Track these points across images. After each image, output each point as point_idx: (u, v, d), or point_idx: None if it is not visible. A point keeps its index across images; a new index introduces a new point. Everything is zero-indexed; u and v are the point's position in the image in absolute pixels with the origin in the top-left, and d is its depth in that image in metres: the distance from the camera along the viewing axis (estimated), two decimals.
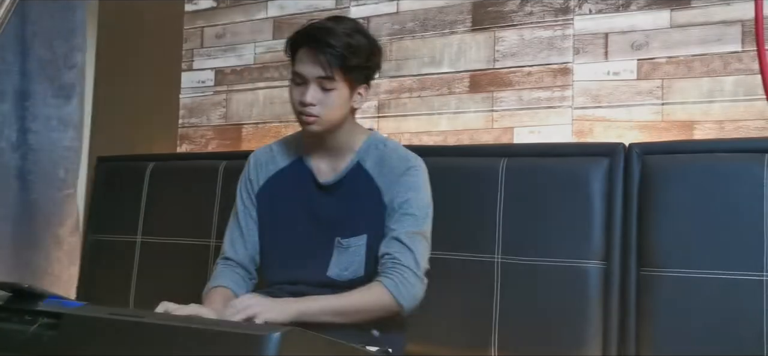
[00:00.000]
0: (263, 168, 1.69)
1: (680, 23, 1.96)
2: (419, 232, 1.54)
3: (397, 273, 1.49)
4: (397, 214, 1.55)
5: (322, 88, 1.51)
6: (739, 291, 1.56)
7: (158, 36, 2.70)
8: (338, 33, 1.50)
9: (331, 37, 1.49)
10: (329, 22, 1.54)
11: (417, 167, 1.60)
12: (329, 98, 1.52)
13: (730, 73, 1.90)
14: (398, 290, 1.48)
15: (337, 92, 1.52)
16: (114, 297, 2.32)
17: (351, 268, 1.56)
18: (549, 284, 1.74)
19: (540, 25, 2.14)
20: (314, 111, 1.52)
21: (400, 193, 1.56)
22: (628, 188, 1.73)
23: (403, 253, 1.51)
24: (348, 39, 1.50)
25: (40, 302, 1.17)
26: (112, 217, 2.41)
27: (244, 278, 1.67)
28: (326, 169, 1.63)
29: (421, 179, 1.59)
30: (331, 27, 1.52)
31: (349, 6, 2.43)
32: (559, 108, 2.09)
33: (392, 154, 1.61)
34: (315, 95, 1.51)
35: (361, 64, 1.53)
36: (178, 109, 2.74)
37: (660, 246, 1.66)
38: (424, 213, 1.57)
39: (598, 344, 1.70)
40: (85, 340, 1.08)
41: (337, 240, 1.57)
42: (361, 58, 1.52)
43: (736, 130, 1.88)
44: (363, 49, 1.53)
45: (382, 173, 1.58)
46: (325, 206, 1.60)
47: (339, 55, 1.49)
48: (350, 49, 1.50)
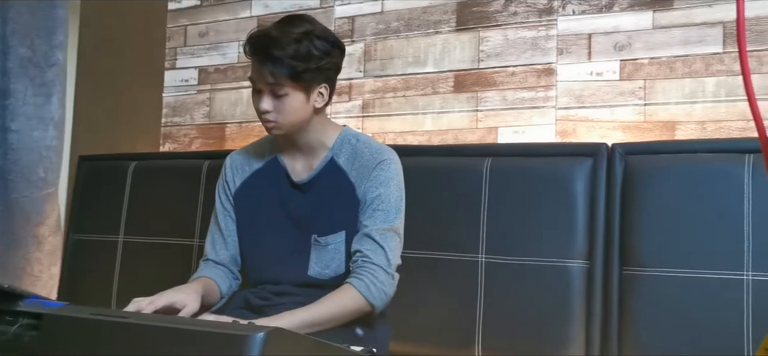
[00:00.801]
0: (239, 170, 1.69)
1: (663, 24, 1.98)
2: (391, 228, 1.54)
3: (368, 272, 1.49)
4: (369, 209, 1.55)
5: (274, 95, 1.51)
6: (721, 291, 1.58)
7: (141, 34, 2.68)
8: (283, 43, 1.47)
9: (274, 48, 1.47)
10: (276, 30, 1.50)
11: (389, 161, 1.59)
12: (283, 104, 1.51)
13: (712, 74, 1.92)
14: (369, 291, 1.48)
15: (290, 98, 1.51)
16: (96, 297, 2.30)
17: (332, 266, 1.56)
18: (533, 283, 1.75)
19: (524, 25, 2.14)
20: (271, 117, 1.53)
21: (372, 188, 1.56)
22: (611, 188, 1.74)
23: (374, 251, 1.51)
24: (295, 46, 1.47)
25: (20, 302, 1.16)
26: (94, 217, 2.39)
27: (226, 275, 1.67)
28: (300, 167, 1.63)
29: (393, 173, 1.58)
30: (276, 36, 1.48)
31: (333, 5, 2.43)
32: (542, 108, 2.10)
33: (364, 148, 1.60)
34: (269, 103, 1.51)
35: (310, 68, 1.50)
36: (161, 108, 2.72)
37: (642, 246, 1.67)
38: (396, 208, 1.57)
39: (581, 343, 1.71)
40: (66, 340, 1.07)
41: (314, 238, 1.57)
42: (311, 63, 1.49)
43: (717, 130, 1.90)
44: (312, 55, 1.49)
45: (355, 168, 1.58)
46: (300, 205, 1.61)
47: (285, 65, 1.47)
48: (297, 57, 1.47)
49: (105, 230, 2.34)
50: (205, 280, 1.61)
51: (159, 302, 1.41)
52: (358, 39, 2.38)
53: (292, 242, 1.60)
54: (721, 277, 1.58)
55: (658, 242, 1.66)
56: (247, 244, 1.66)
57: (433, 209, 1.86)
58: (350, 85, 2.38)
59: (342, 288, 1.50)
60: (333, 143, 1.62)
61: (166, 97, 2.72)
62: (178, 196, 2.24)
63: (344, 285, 1.50)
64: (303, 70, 1.49)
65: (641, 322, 1.65)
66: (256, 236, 1.64)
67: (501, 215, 1.81)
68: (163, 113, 2.72)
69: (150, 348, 0.99)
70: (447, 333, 1.83)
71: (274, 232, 1.62)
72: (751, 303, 1.55)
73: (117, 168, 2.38)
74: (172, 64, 2.72)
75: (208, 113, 2.64)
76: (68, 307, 1.16)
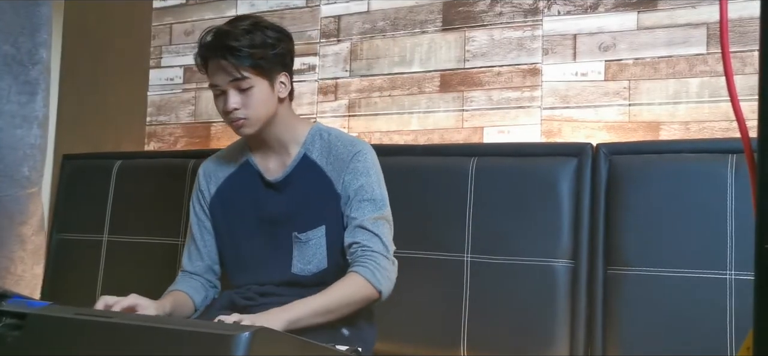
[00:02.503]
0: (213, 178, 1.69)
1: (647, 25, 1.99)
2: (381, 216, 1.55)
3: (371, 260, 1.50)
4: (354, 201, 1.55)
5: (239, 90, 1.51)
6: (704, 290, 1.59)
7: (126, 32, 2.66)
8: (236, 33, 1.50)
9: (230, 40, 1.49)
10: (226, 26, 1.53)
11: (363, 151, 1.59)
12: (250, 97, 1.52)
13: (696, 75, 1.94)
14: (375, 277, 1.49)
15: (255, 89, 1.52)
16: (80, 296, 2.28)
17: (314, 261, 1.56)
18: (518, 283, 1.76)
19: (510, 25, 2.15)
20: (240, 114, 1.52)
21: (352, 180, 1.56)
22: (596, 188, 1.75)
23: (371, 240, 1.51)
24: (248, 37, 1.50)
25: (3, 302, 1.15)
26: (78, 216, 2.37)
27: (203, 285, 1.67)
28: (274, 166, 1.63)
29: (371, 163, 1.59)
30: (228, 30, 1.51)
31: (319, 4, 2.42)
32: (528, 108, 2.11)
33: (337, 141, 1.60)
34: (235, 100, 1.51)
35: (267, 54, 1.52)
36: (146, 106, 2.71)
37: (627, 245, 1.68)
38: (381, 196, 1.57)
39: (565, 342, 1.72)
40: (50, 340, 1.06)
41: (295, 235, 1.57)
42: (266, 49, 1.52)
43: (701, 131, 1.92)
44: (267, 42, 1.52)
45: (330, 162, 1.58)
46: (277, 204, 1.60)
47: (244, 54, 1.49)
48: (253, 45, 1.50)
49: (89, 229, 2.32)
50: (176, 294, 1.60)
51: (124, 303, 1.40)
52: (344, 38, 2.38)
53: (272, 242, 1.59)
54: (705, 276, 1.60)
55: (642, 242, 1.67)
56: (228, 250, 1.66)
57: (419, 209, 1.87)
58: (336, 85, 2.38)
59: (348, 276, 1.49)
60: (304, 138, 1.61)
61: (151, 95, 2.71)
62: (162, 195, 2.23)
63: (349, 274, 1.49)
64: (261, 56, 1.51)
65: (626, 321, 1.66)
66: (236, 240, 1.64)
67: (486, 214, 1.81)
68: (148, 112, 2.70)
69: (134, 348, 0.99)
70: (433, 332, 1.83)
71: (253, 235, 1.62)
72: (734, 302, 1.56)
73: (101, 167, 2.36)
74: (157, 63, 2.71)
75: (194, 112, 2.63)
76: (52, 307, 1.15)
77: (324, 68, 2.40)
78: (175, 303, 1.56)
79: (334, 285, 1.48)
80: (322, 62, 2.41)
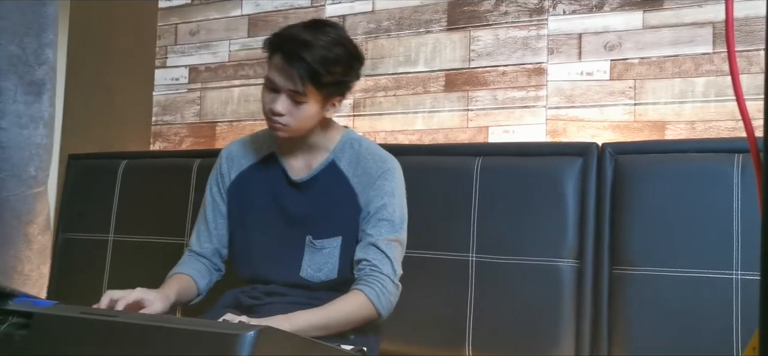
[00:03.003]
0: (235, 163, 1.67)
1: (653, 24, 1.99)
2: (396, 239, 1.54)
3: (377, 281, 1.49)
4: (373, 219, 1.54)
5: (293, 100, 1.48)
6: (710, 290, 1.59)
7: (131, 32, 2.67)
8: (316, 46, 1.44)
9: (306, 52, 1.44)
10: (308, 33, 1.47)
11: (393, 170, 1.58)
12: (300, 110, 1.49)
13: (702, 75, 1.93)
14: (379, 300, 1.49)
15: (307, 106, 1.49)
16: (86, 296, 2.28)
17: (324, 270, 1.55)
18: (523, 283, 1.75)
19: (515, 25, 2.15)
20: (283, 120, 1.49)
21: (377, 197, 1.55)
22: (601, 188, 1.75)
23: (381, 261, 1.51)
24: (325, 52, 1.45)
25: (10, 301, 1.16)
26: (84, 215, 2.38)
27: (208, 268, 1.66)
28: (299, 166, 1.61)
29: (397, 183, 1.58)
30: (309, 40, 1.45)
31: (324, 4, 2.42)
32: (533, 108, 2.11)
33: (367, 155, 1.59)
34: (285, 106, 1.48)
35: (335, 80, 1.48)
36: (152, 106, 2.71)
37: (632, 245, 1.68)
38: (401, 218, 1.57)
39: (571, 342, 1.72)
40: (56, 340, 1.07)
41: (309, 239, 1.56)
42: (337, 73, 1.48)
43: (707, 130, 1.91)
44: (340, 63, 1.48)
45: (357, 174, 1.57)
46: (297, 204, 1.59)
47: (313, 71, 1.44)
48: (326, 64, 1.45)
49: (95, 228, 2.33)
50: (181, 278, 1.60)
51: (129, 298, 1.40)
52: None
53: (284, 242, 1.58)
54: (711, 276, 1.59)
55: (647, 242, 1.66)
56: (239, 240, 1.64)
57: (424, 209, 1.87)
58: None
59: (352, 294, 1.49)
60: (334, 145, 1.60)
61: (156, 95, 2.72)
62: (168, 195, 2.23)
63: (354, 291, 1.49)
64: (329, 81, 1.47)
65: (631, 321, 1.66)
66: (249, 232, 1.62)
67: (491, 214, 1.81)
68: (154, 112, 2.71)
69: (140, 348, 0.99)
70: (438, 332, 1.83)
71: (267, 229, 1.60)
72: (740, 301, 1.56)
73: (107, 167, 2.37)
74: (162, 63, 2.71)
75: (199, 112, 2.63)
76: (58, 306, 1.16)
77: None
78: (179, 289, 1.55)
79: (338, 301, 1.48)
80: None
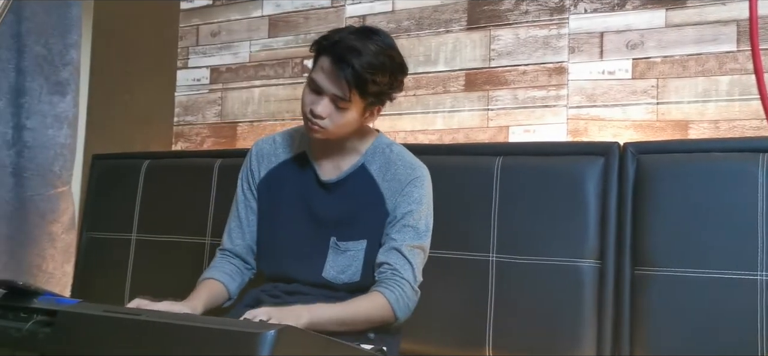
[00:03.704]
0: (265, 160, 1.67)
1: (675, 23, 1.97)
2: (419, 246, 1.55)
3: (398, 285, 1.50)
4: (398, 224, 1.54)
5: (335, 105, 1.47)
6: (734, 291, 1.57)
7: (154, 33, 2.70)
8: (364, 52, 1.43)
9: (355, 58, 1.42)
10: (358, 40, 1.45)
11: (422, 178, 1.58)
12: (340, 116, 1.48)
13: (726, 73, 1.91)
14: (398, 303, 1.49)
15: (349, 112, 1.48)
16: (109, 294, 2.31)
17: (348, 272, 1.56)
18: (544, 283, 1.75)
19: (535, 24, 2.14)
20: (322, 123, 1.48)
21: (404, 204, 1.55)
22: (623, 188, 1.73)
23: (403, 266, 1.51)
24: (372, 59, 1.44)
25: (34, 299, 1.17)
26: (108, 215, 2.41)
27: (239, 269, 1.66)
28: (330, 167, 1.61)
29: (425, 191, 1.58)
30: (358, 46, 1.44)
31: (344, 4, 2.43)
32: (554, 107, 2.10)
33: (398, 160, 1.59)
34: (326, 110, 1.47)
35: (380, 90, 1.48)
36: (174, 107, 2.74)
37: (654, 246, 1.66)
38: (426, 226, 1.57)
39: (592, 343, 1.70)
40: (79, 337, 1.08)
41: (333, 241, 1.56)
42: (382, 84, 1.47)
43: (731, 129, 1.89)
44: (386, 71, 1.46)
45: (386, 180, 1.57)
46: (325, 205, 1.59)
47: (359, 78, 1.43)
48: (373, 72, 1.43)
49: (118, 228, 2.36)
50: (212, 285, 1.60)
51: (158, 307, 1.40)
52: None
53: (310, 241, 1.58)
54: (734, 277, 1.57)
55: (670, 242, 1.65)
56: (265, 236, 1.65)
57: (444, 209, 1.86)
58: None
59: (372, 294, 1.49)
60: (366, 148, 1.60)
61: (178, 96, 2.74)
62: (190, 194, 2.25)
63: (374, 292, 1.49)
64: (374, 91, 1.46)
65: (653, 322, 1.64)
66: (275, 229, 1.63)
67: (512, 214, 1.80)
68: (176, 112, 2.73)
69: (162, 345, 1.00)
70: (457, 332, 1.83)
71: (293, 228, 1.60)
72: (765, 303, 1.54)
73: (130, 167, 2.40)
74: (184, 64, 2.74)
75: (220, 112, 2.65)
76: (82, 304, 1.17)
77: None
78: (208, 297, 1.56)
79: (358, 299, 1.49)
80: None
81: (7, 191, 2.18)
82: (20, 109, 2.20)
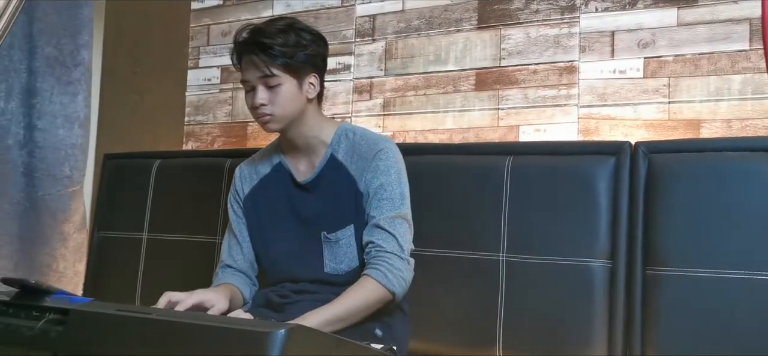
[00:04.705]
0: (247, 179, 1.73)
1: (687, 21, 1.96)
2: (398, 215, 1.55)
3: (384, 260, 1.50)
4: (374, 200, 1.56)
5: (267, 87, 1.55)
6: (746, 291, 1.56)
7: (164, 33, 2.71)
8: (270, 32, 1.54)
9: (263, 38, 1.53)
10: (261, 24, 1.58)
11: (386, 150, 1.60)
12: (277, 94, 1.55)
13: (738, 72, 1.90)
14: (387, 279, 1.49)
15: (283, 87, 1.55)
16: (120, 293, 2.32)
17: (345, 260, 1.58)
18: (554, 283, 1.74)
19: (546, 23, 2.13)
20: (266, 110, 1.56)
21: (373, 179, 1.57)
22: (635, 187, 1.73)
23: (386, 239, 1.52)
24: (282, 36, 1.54)
25: (46, 298, 1.18)
26: (119, 214, 2.42)
27: (246, 282, 1.70)
28: (304, 168, 1.65)
29: (392, 161, 1.59)
30: (263, 28, 1.55)
31: (354, 4, 2.43)
32: (565, 106, 2.09)
33: (361, 141, 1.62)
34: (263, 96, 1.55)
35: (297, 54, 1.55)
36: (184, 106, 2.74)
37: (666, 245, 1.65)
38: (400, 194, 1.58)
39: (603, 343, 1.70)
40: (91, 336, 1.09)
41: (324, 235, 1.59)
42: (298, 49, 1.55)
43: (743, 129, 1.88)
44: (300, 43, 1.56)
45: (353, 161, 1.60)
46: (307, 205, 1.63)
47: (275, 52, 1.53)
48: (285, 44, 1.53)
49: (129, 227, 2.37)
50: (230, 287, 1.63)
51: (189, 301, 1.43)
52: (379, 37, 2.38)
53: (303, 242, 1.62)
54: (747, 277, 1.56)
55: (682, 242, 1.64)
56: (261, 249, 1.69)
57: (454, 209, 1.86)
58: (371, 84, 2.38)
59: (360, 281, 1.51)
60: (331, 138, 1.63)
61: (189, 96, 2.75)
62: (200, 194, 2.26)
63: (362, 277, 1.51)
64: (292, 55, 1.54)
65: (664, 323, 1.63)
66: (268, 240, 1.67)
67: (522, 214, 1.80)
68: (186, 112, 2.74)
69: (173, 344, 1.01)
70: (468, 332, 1.83)
71: (285, 234, 1.64)
72: None
73: (141, 166, 2.40)
74: (195, 64, 2.75)
75: (231, 112, 2.66)
76: (93, 303, 1.18)
77: (359, 68, 2.41)
78: (232, 295, 1.59)
79: (347, 292, 1.49)
80: (357, 62, 2.42)
81: (18, 191, 2.20)
82: (32, 109, 2.22)
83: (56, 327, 1.10)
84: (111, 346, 1.06)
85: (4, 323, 1.16)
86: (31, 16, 2.20)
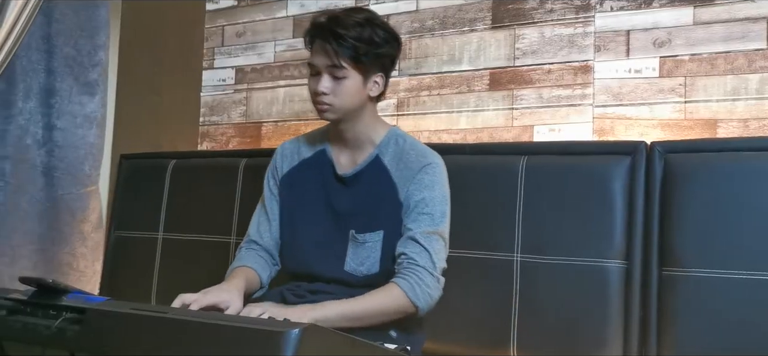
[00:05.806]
0: (288, 158, 1.73)
1: (704, 20, 1.94)
2: (436, 231, 1.54)
3: (414, 273, 1.49)
4: (413, 213, 1.55)
5: (333, 77, 1.55)
6: (763, 292, 1.54)
7: (180, 34, 2.72)
8: (347, 23, 1.53)
9: (339, 27, 1.53)
10: (341, 13, 1.57)
11: (434, 165, 1.59)
12: (341, 86, 1.55)
13: (755, 71, 1.88)
14: (414, 291, 1.48)
15: (348, 81, 1.55)
16: (136, 292, 2.34)
17: (366, 263, 1.57)
18: (569, 283, 1.73)
19: (561, 22, 2.12)
20: (327, 99, 1.56)
21: (417, 191, 1.56)
22: (650, 187, 1.72)
23: (419, 254, 1.51)
24: (358, 30, 1.53)
25: (64, 297, 1.19)
26: (135, 214, 2.44)
27: (267, 262, 1.69)
28: (346, 161, 1.65)
29: (438, 177, 1.59)
30: (341, 18, 1.55)
31: (368, 4, 2.43)
32: (579, 106, 2.08)
33: (410, 150, 1.61)
34: (327, 85, 1.55)
35: (370, 51, 1.55)
36: (199, 107, 2.76)
37: (682, 246, 1.64)
38: (441, 212, 1.57)
39: (618, 344, 1.69)
40: (108, 335, 1.10)
41: (352, 234, 1.58)
42: (371, 47, 1.55)
43: (761, 128, 1.86)
44: (374, 40, 1.55)
45: (399, 169, 1.59)
46: (342, 199, 1.62)
47: (348, 45, 1.52)
48: (359, 38, 1.53)
49: (145, 227, 2.38)
50: (247, 272, 1.62)
51: (203, 301, 1.41)
52: None
53: (330, 235, 1.61)
54: (764, 279, 1.55)
55: (698, 243, 1.63)
56: (287, 231, 1.68)
57: (468, 208, 1.86)
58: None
59: (387, 286, 1.50)
60: (380, 140, 1.63)
61: (204, 96, 2.76)
62: (215, 194, 2.27)
63: (389, 284, 1.50)
64: (364, 52, 1.54)
65: (680, 323, 1.62)
66: (297, 224, 1.66)
67: (537, 214, 1.79)
68: (201, 112, 2.76)
69: (188, 343, 1.01)
70: (482, 332, 1.82)
71: (314, 222, 1.64)
72: None
73: (157, 166, 2.42)
74: (209, 64, 2.76)
75: (245, 113, 2.67)
76: (110, 302, 1.19)
77: None
78: (246, 283, 1.58)
79: (371, 293, 1.49)
80: None
81: (38, 191, 2.22)
82: (50, 109, 2.24)
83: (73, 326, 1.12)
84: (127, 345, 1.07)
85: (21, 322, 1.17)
86: (50, 17, 2.23)
